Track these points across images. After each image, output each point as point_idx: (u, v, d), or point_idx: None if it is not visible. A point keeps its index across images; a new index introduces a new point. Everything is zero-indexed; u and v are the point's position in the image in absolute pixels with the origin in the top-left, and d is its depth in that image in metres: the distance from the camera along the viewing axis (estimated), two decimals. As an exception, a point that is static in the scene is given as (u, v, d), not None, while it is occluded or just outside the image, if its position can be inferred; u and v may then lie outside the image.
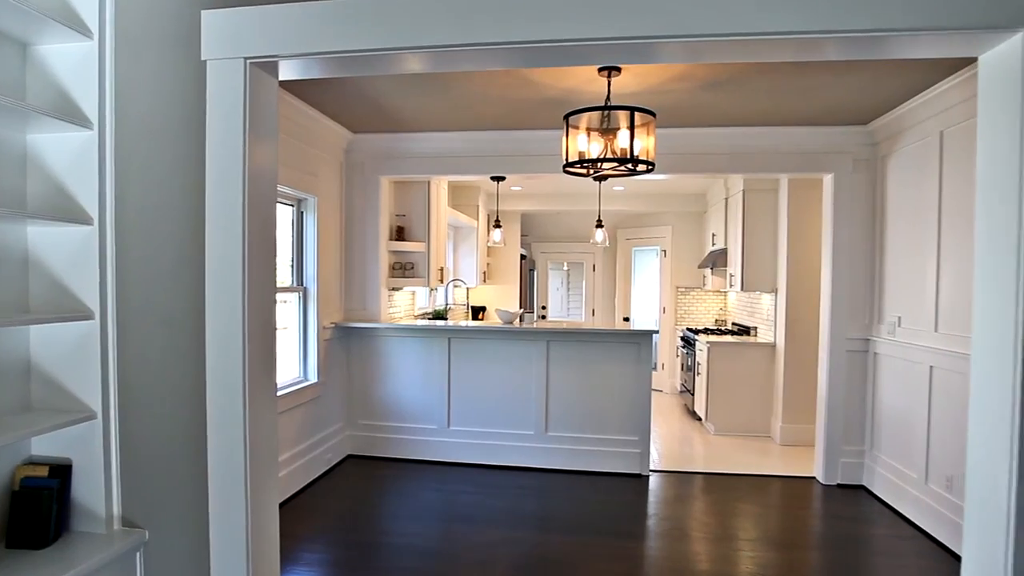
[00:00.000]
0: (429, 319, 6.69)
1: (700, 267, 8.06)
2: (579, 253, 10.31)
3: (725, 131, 4.66)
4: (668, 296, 8.78)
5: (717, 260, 7.07)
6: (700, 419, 6.84)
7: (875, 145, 4.65)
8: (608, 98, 3.37)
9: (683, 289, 8.74)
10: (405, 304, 5.97)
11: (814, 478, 4.89)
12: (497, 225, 5.73)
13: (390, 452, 5.19)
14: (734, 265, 6.60)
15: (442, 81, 3.71)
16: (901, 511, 4.13)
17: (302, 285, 4.57)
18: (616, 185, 7.59)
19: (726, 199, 6.99)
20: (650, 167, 3.34)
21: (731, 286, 6.72)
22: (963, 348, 3.57)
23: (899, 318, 4.31)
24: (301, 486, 4.40)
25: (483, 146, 4.95)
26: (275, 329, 2.42)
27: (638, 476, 4.87)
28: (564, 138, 3.38)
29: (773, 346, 6.19)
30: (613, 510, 4.22)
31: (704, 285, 8.33)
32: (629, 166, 3.39)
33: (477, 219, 7.97)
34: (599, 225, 6.08)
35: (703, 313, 8.73)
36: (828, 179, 4.77)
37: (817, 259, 5.79)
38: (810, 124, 4.58)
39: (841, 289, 4.71)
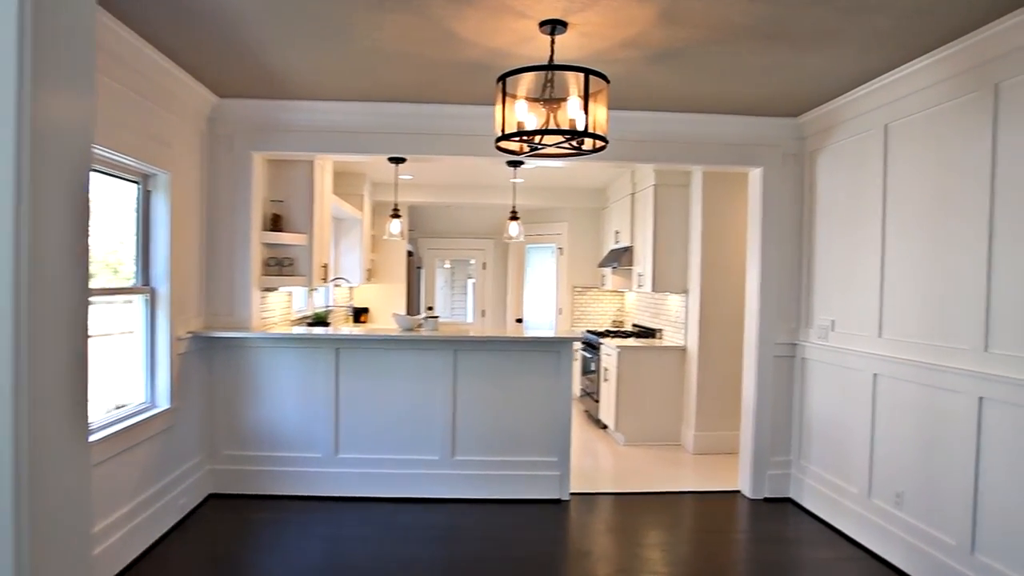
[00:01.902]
0: (309, 324, 5.76)
1: (600, 266, 7.72)
2: (470, 250, 9.68)
3: (657, 116, 4.22)
4: (564, 296, 8.38)
5: (620, 259, 6.74)
6: (605, 427, 6.47)
7: (804, 139, 4.42)
8: (551, 60, 2.76)
9: (580, 289, 8.38)
10: (280, 307, 5.04)
11: (739, 492, 4.60)
12: (395, 215, 4.93)
13: (264, 488, 4.26)
14: (643, 264, 6.27)
15: (341, 30, 2.93)
16: (840, 528, 3.89)
17: (149, 285, 3.56)
18: (515, 177, 7.04)
19: (632, 194, 6.66)
20: (603, 144, 2.77)
21: (639, 286, 6.40)
22: (912, 355, 3.35)
23: (832, 322, 4.09)
24: (142, 549, 3.37)
25: (386, 121, 4.16)
26: (85, 345, 1.59)
27: (557, 502, 4.32)
28: (498, 105, 2.73)
29: (684, 350, 5.92)
30: (534, 548, 3.64)
31: (603, 285, 8.01)
32: (575, 142, 2.81)
33: (362, 210, 7.10)
34: (513, 217, 5.46)
35: (600, 314, 8.42)
36: (756, 174, 4.49)
37: (732, 259, 5.57)
38: (744, 114, 4.26)
39: (770, 291, 4.45)
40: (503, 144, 2.85)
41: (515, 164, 4.47)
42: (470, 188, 7.82)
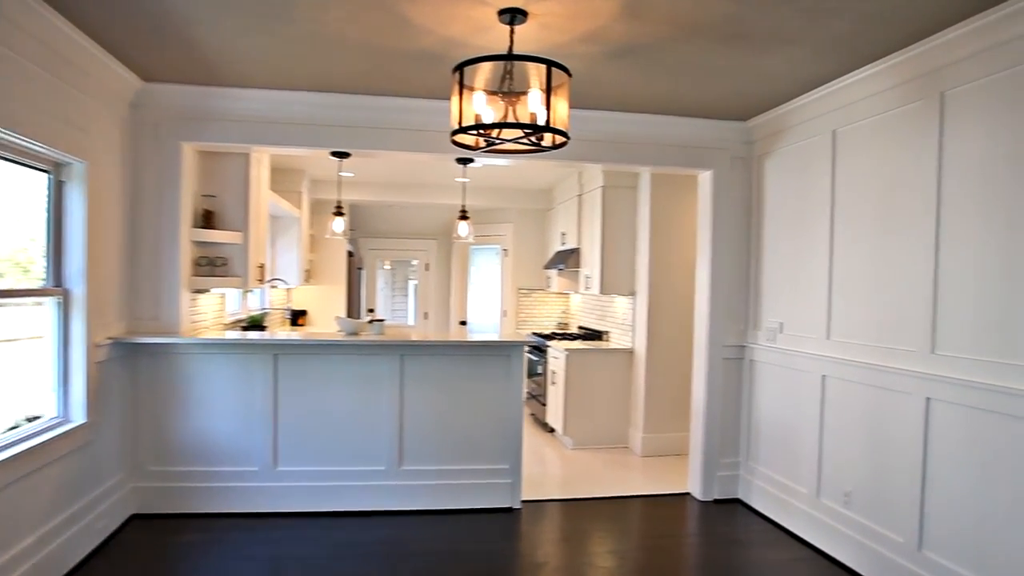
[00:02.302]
0: (243, 328, 5.43)
1: (546, 268, 7.65)
2: (412, 251, 9.45)
3: (611, 116, 4.16)
4: (509, 298, 8.28)
5: (567, 261, 6.68)
6: (553, 431, 6.39)
7: (752, 143, 4.45)
8: (511, 50, 2.63)
9: (525, 291, 8.30)
10: (212, 310, 4.71)
11: (688, 494, 4.59)
12: (338, 212, 4.67)
13: (195, 506, 3.95)
14: (590, 266, 6.23)
15: (281, 10, 2.71)
16: (790, 528, 3.92)
17: (62, 286, 3.22)
18: (463, 176, 6.89)
19: (580, 196, 6.62)
20: (563, 140, 2.66)
21: (586, 288, 6.35)
22: (860, 356, 3.39)
23: (781, 324, 4.12)
24: None
25: (330, 113, 3.92)
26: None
27: (509, 510, 4.20)
28: (455, 97, 2.58)
29: (632, 352, 5.90)
30: (486, 561, 3.50)
31: (548, 287, 7.95)
32: (534, 139, 2.69)
33: (300, 208, 6.78)
34: (463, 217, 5.28)
35: (546, 316, 8.36)
36: (706, 176, 4.50)
37: (680, 262, 5.59)
38: (696, 116, 4.25)
39: (720, 293, 4.46)
40: (459, 138, 2.71)
41: (465, 161, 4.33)
42: (414, 187, 7.61)
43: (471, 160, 4.28)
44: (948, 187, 2.90)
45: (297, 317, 7.66)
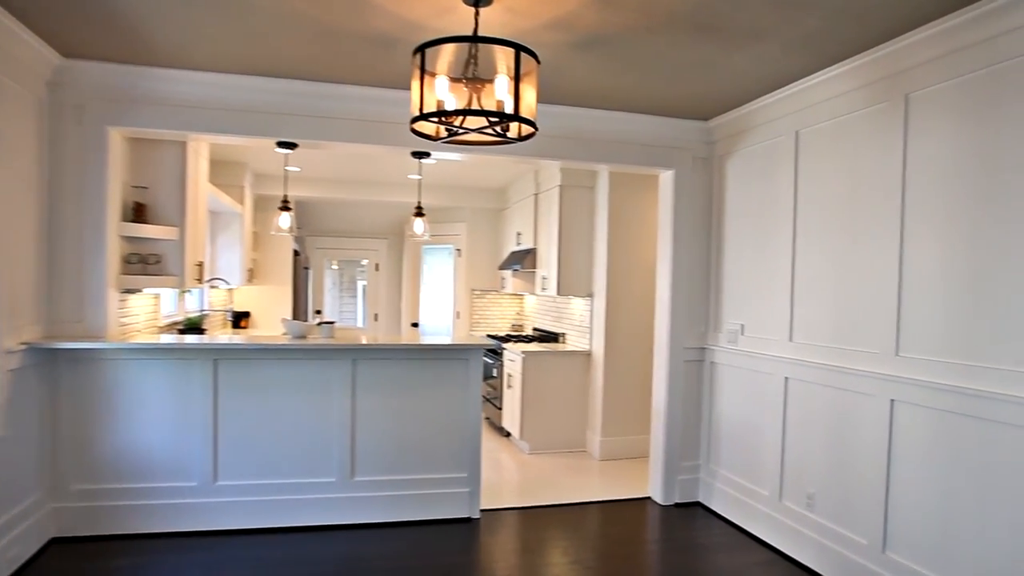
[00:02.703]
0: (180, 331, 5.08)
1: (500, 268, 7.50)
2: (361, 250, 9.15)
3: (573, 111, 4.04)
4: (463, 299, 8.09)
5: (523, 261, 6.54)
6: (509, 435, 6.24)
7: (713, 144, 4.41)
8: (475, 33, 2.46)
9: (479, 292, 8.13)
10: (145, 311, 4.36)
11: (649, 499, 4.51)
12: (285, 207, 4.37)
13: (125, 526, 3.62)
14: (547, 267, 6.11)
15: (224, -17, 2.47)
16: (752, 531, 3.88)
17: (-33, 285, 2.88)
18: (418, 172, 6.67)
19: (536, 195, 6.49)
20: (531, 131, 2.51)
21: (543, 289, 6.23)
22: (824, 358, 3.36)
23: (742, 326, 4.08)
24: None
25: (276, 99, 3.66)
26: None
27: (468, 520, 4.02)
28: (415, 82, 2.39)
29: (589, 355, 5.81)
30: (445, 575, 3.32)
31: (502, 288, 7.80)
32: (499, 129, 2.53)
33: (243, 203, 6.43)
34: (418, 214, 5.03)
35: (500, 318, 8.21)
36: (668, 176, 4.43)
37: (639, 263, 5.53)
38: (659, 114, 4.17)
39: (681, 295, 4.39)
40: (419, 126, 2.52)
41: (421, 156, 4.12)
42: (364, 184, 7.34)
43: (427, 154, 4.08)
44: (913, 190, 2.88)
45: (240, 319, 7.29)
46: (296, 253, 7.86)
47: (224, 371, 3.77)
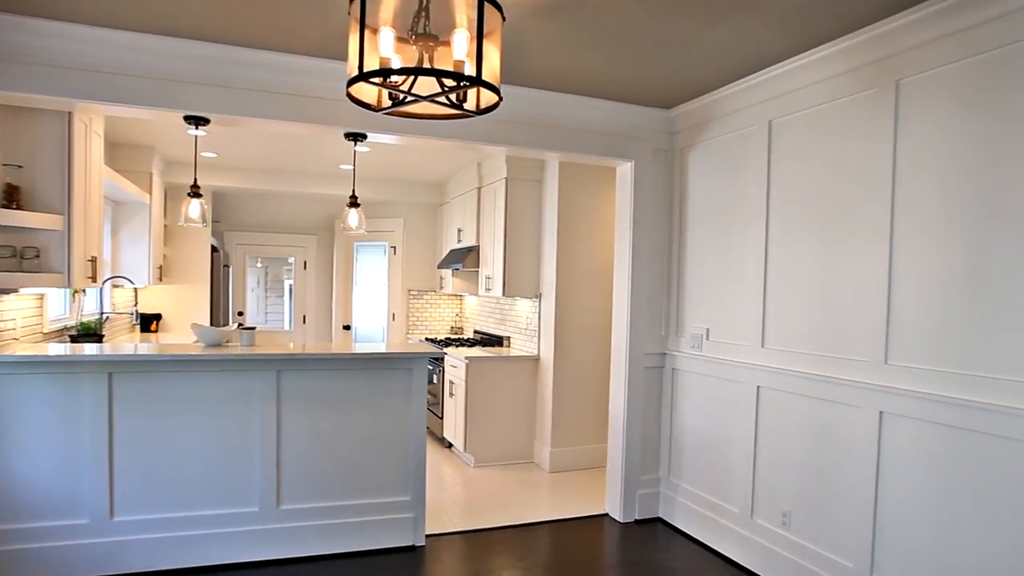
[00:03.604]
0: (72, 339, 4.40)
1: (439, 267, 7.06)
2: (288, 247, 8.49)
3: (526, 93, 3.66)
4: (398, 300, 7.60)
5: (464, 260, 6.13)
6: (451, 446, 5.82)
7: (675, 135, 4.14)
8: (430, -13, 2.04)
9: (416, 293, 7.66)
10: (26, 316, 3.70)
11: (607, 515, 4.20)
12: (195, 194, 3.75)
13: (-9, 576, 3.00)
14: (491, 266, 5.73)
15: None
16: (719, 550, 3.62)
17: None
18: (344, 163, 6.15)
19: (479, 188, 6.09)
20: (495, 100, 2.11)
21: (487, 290, 5.84)
22: (802, 366, 3.13)
23: (707, 330, 3.83)
24: None
25: (184, 65, 3.09)
26: None
27: (412, 549, 3.59)
28: (353, 35, 1.94)
29: (537, 360, 5.46)
30: (395, 620, 2.88)
31: (441, 288, 7.36)
32: (455, 97, 2.12)
33: (150, 192, 5.73)
34: (352, 204, 4.48)
35: (438, 320, 7.77)
36: (626, 169, 4.13)
37: (590, 262, 5.23)
38: (620, 100, 3.86)
39: (641, 297, 4.10)
40: (357, 92, 2.08)
41: (355, 138, 3.65)
42: (290, 174, 6.73)
43: (362, 137, 3.61)
44: (904, 183, 2.67)
45: (149, 322, 6.55)
46: (214, 249, 7.16)
47: (121, 386, 3.19)
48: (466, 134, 3.59)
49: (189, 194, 3.53)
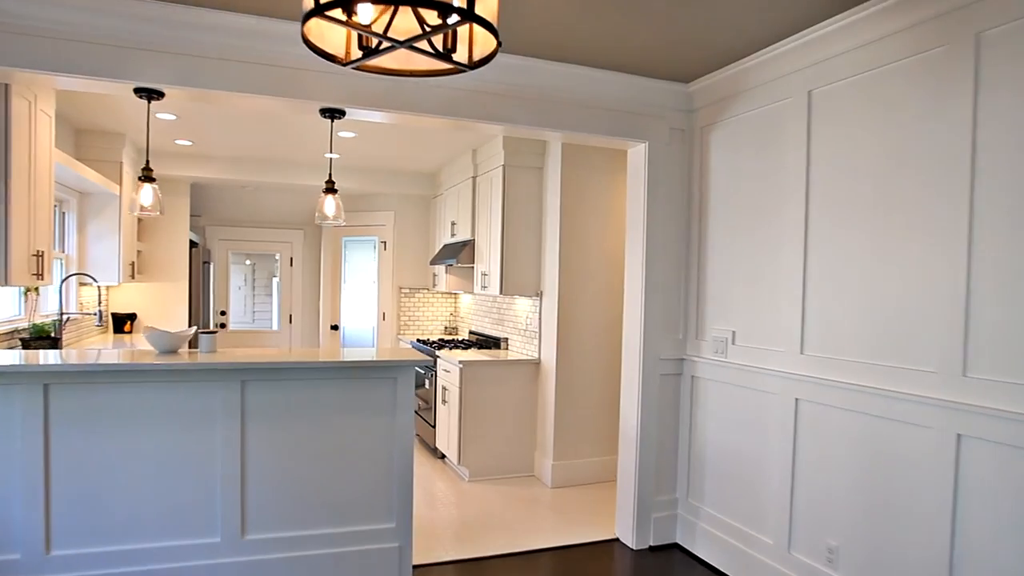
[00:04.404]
0: (23, 343, 3.96)
1: (432, 263, 6.60)
2: (273, 242, 8.03)
3: (529, 64, 3.21)
4: (389, 299, 7.15)
5: (459, 255, 5.68)
6: (443, 457, 5.38)
7: (692, 113, 3.69)
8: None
9: (408, 291, 7.20)
10: (-43, 319, 3.24)
11: (617, 541, 3.76)
12: (147, 177, 3.22)
13: (-103, 626, 2.55)
14: (487, 262, 5.28)
15: None
16: (749, 586, 3.18)
17: None
18: (330, 152, 5.69)
19: (474, 178, 5.64)
20: (493, 47, 1.66)
21: (483, 288, 5.39)
22: (851, 377, 2.68)
23: (732, 333, 3.38)
24: None
25: (131, 28, 2.61)
26: None
27: (397, 584, 3.14)
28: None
29: (538, 364, 5.02)
30: None
31: (434, 286, 6.91)
32: (440, 45, 1.66)
33: (120, 183, 5.27)
34: (329, 190, 3.90)
35: (431, 319, 7.31)
36: (639, 151, 3.68)
37: (597, 256, 4.78)
38: (632, 72, 3.41)
39: (656, 296, 3.66)
40: (317, 37, 1.62)
41: (332, 115, 3.19)
42: (273, 164, 6.27)
43: (340, 113, 3.15)
44: (987, 159, 2.22)
45: (123, 323, 6.10)
46: (194, 244, 6.70)
47: (59, 400, 2.74)
48: (458, 110, 3.15)
49: (140, 178, 3.06)
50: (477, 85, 3.18)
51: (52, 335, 4.24)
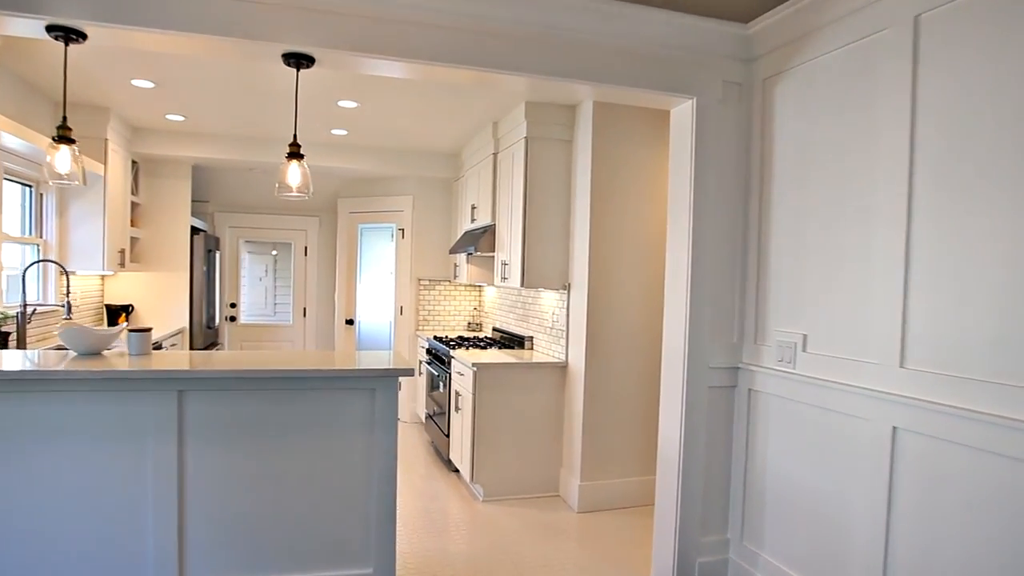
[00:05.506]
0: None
1: (452, 252, 5.98)
2: (286, 230, 7.53)
3: (546, -8, 2.54)
4: (407, 291, 6.55)
5: (479, 243, 5.04)
6: (458, 471, 4.76)
7: (753, 61, 2.96)
8: None
9: (427, 282, 6.59)
10: None
11: (653, 587, 3.08)
12: (63, 137, 2.47)
13: None
14: (507, 250, 4.62)
15: None
16: (824, 668, 2.46)
17: None
18: (336, 128, 5.11)
19: (495, 154, 4.98)
20: None
21: (504, 279, 4.73)
22: (976, 403, 1.94)
23: (803, 337, 2.65)
24: None
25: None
26: None
27: (374, 645, 2.53)
28: None
29: (564, 368, 4.34)
30: None
31: (456, 277, 6.29)
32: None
33: (105, 162, 4.80)
34: (293, 155, 3.03)
35: (452, 314, 6.69)
36: (685, 110, 2.96)
37: (634, 243, 4.08)
38: (676, 8, 2.70)
39: (704, 290, 2.94)
40: None
41: (298, 62, 2.54)
42: (275, 142, 5.73)
43: (307, 60, 2.53)
44: None
45: (117, 316, 5.66)
46: (196, 231, 6.23)
47: (-44, 413, 2.20)
48: (467, 56, 2.51)
49: (54, 138, 2.48)
50: (485, 25, 2.52)
51: (1, 329, 3.76)
